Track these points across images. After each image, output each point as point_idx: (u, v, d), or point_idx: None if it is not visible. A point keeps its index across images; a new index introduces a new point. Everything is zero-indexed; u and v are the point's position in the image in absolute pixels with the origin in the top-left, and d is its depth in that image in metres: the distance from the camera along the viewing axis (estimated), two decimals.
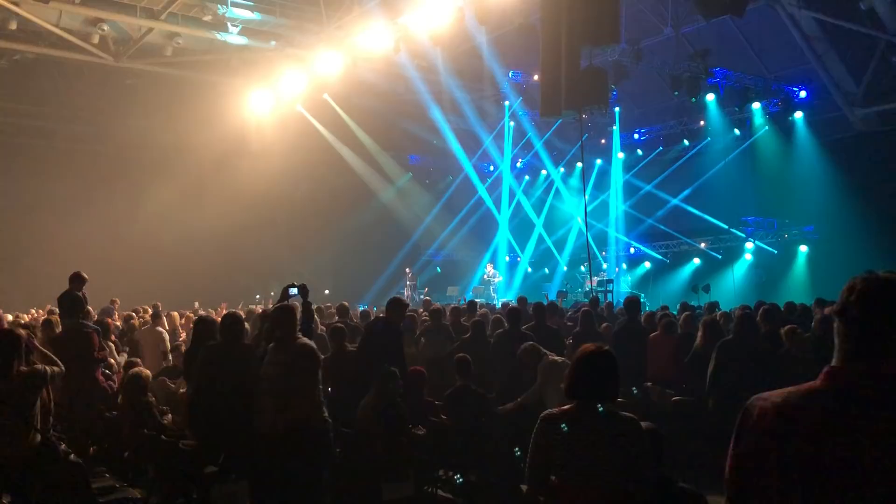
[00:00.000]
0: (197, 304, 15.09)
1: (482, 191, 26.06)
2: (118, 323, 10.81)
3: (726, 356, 6.55)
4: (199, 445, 5.30)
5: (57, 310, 9.28)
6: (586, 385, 3.20)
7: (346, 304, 9.61)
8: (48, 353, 5.23)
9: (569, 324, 10.34)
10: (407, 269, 22.82)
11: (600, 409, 3.17)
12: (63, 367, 5.11)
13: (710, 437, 6.59)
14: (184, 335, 10.72)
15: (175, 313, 11.78)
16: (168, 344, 9.37)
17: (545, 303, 11.40)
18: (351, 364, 6.69)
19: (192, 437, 5.41)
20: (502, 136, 24.57)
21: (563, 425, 3.14)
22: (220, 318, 6.46)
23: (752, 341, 6.77)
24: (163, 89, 19.17)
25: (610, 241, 23.85)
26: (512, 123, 24.29)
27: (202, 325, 6.31)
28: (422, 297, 19.97)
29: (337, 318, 9.35)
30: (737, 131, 20.63)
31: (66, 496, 4.82)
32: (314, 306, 12.44)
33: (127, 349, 9.27)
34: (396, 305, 7.25)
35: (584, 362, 3.24)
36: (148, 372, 6.43)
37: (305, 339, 5.08)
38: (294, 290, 5.91)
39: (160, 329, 9.62)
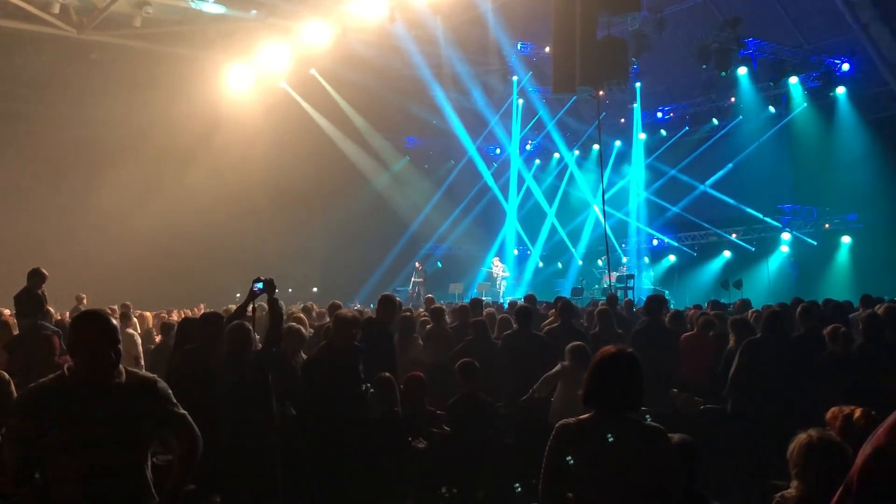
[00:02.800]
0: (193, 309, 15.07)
1: (487, 177, 26.03)
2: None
3: (751, 357, 6.54)
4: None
5: (9, 310, 9.29)
6: (606, 391, 3.19)
7: (339, 303, 9.59)
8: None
9: (584, 324, 10.33)
10: (417, 264, 22.80)
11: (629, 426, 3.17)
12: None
13: (742, 449, 6.58)
14: (159, 338, 10.71)
15: (148, 314, 11.78)
16: (140, 348, 9.38)
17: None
18: None
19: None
20: (510, 115, 24.51)
21: (592, 438, 3.14)
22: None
23: (783, 342, 6.76)
24: (131, 64, 19.12)
25: (630, 231, 23.82)
26: (521, 101, 24.24)
27: (186, 328, 6.40)
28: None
29: (328, 318, 9.34)
30: (772, 109, 20.56)
31: None
32: (300, 304, 12.50)
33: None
34: (387, 304, 7.25)
35: (604, 366, 3.23)
36: None
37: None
38: (259, 286, 5.90)
39: (131, 331, 9.62)
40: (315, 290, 21.99)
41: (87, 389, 3.17)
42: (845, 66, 18.79)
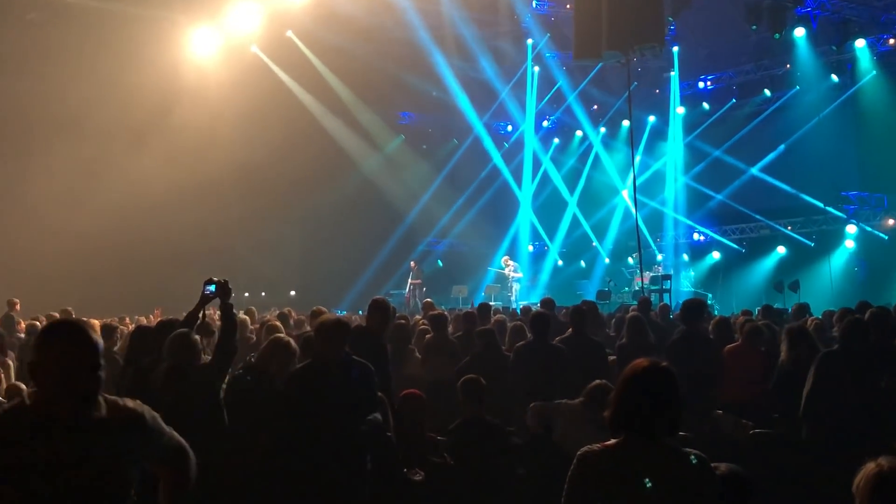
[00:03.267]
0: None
1: (497, 159, 26.00)
2: (21, 334, 10.85)
3: (829, 372, 6.50)
4: None
5: None
6: (637, 413, 3.17)
7: (323, 308, 9.59)
8: None
9: (611, 334, 10.32)
10: (412, 263, 22.83)
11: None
12: None
13: (805, 481, 6.57)
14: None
15: (95, 321, 11.78)
16: None
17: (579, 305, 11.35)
18: None
19: None
20: (523, 86, 24.47)
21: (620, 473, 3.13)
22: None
23: (864, 356, 6.73)
24: (76, 27, 19.08)
25: (667, 224, 23.81)
26: (536, 69, 24.20)
27: (140, 338, 6.39)
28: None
29: (309, 327, 9.35)
30: (835, 78, 20.54)
31: None
32: (275, 311, 12.49)
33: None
34: (379, 310, 7.24)
35: (635, 383, 3.21)
36: None
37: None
38: (211, 289, 5.89)
39: None
40: (293, 293, 22.02)
41: (55, 427, 2.80)
42: None
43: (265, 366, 6.27)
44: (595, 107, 25.28)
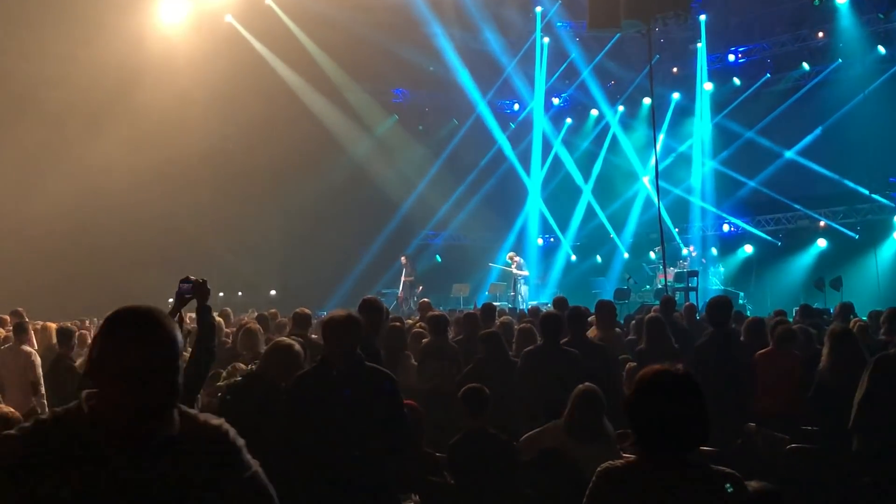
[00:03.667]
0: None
1: (503, 141, 25.97)
2: None
3: (887, 377, 6.51)
4: None
5: None
6: (657, 426, 3.17)
7: (307, 311, 9.56)
8: None
9: (631, 337, 10.31)
10: (403, 258, 22.83)
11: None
12: None
13: (848, 502, 6.58)
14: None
15: (52, 325, 11.79)
16: (39, 370, 9.38)
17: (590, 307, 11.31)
18: None
19: None
20: (532, 59, 24.45)
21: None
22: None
23: None
24: None
25: (693, 214, 23.79)
26: (546, 40, 24.18)
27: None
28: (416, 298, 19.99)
29: (289, 330, 9.35)
30: (881, 49, 20.50)
31: None
32: (254, 313, 12.48)
33: None
34: (370, 311, 7.23)
35: (652, 391, 3.20)
36: (14, 412, 6.44)
37: None
38: (188, 288, 5.89)
39: (27, 349, 9.63)
40: (273, 293, 21.99)
41: (112, 444, 2.46)
42: None
43: (267, 373, 6.21)
44: (612, 82, 25.26)
